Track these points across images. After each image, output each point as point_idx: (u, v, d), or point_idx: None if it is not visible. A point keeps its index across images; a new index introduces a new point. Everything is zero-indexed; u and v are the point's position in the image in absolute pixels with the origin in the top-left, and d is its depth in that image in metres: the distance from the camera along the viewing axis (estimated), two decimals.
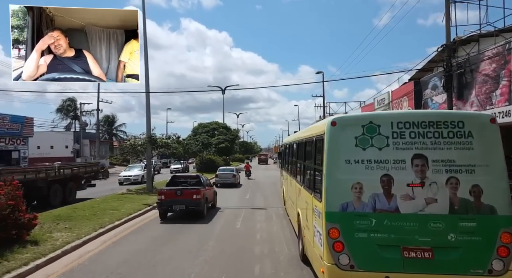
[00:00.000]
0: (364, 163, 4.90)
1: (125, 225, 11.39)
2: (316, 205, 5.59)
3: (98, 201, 14.87)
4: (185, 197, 11.77)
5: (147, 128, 19.23)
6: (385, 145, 4.90)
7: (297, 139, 9.05)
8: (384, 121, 4.96)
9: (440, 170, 4.77)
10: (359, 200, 4.84)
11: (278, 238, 9.51)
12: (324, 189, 4.99)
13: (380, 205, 4.80)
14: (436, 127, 4.88)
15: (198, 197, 11.81)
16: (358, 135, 4.96)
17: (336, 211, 4.88)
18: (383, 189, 4.82)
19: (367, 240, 4.76)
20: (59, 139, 48.21)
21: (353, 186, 4.86)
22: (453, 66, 15.32)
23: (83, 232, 9.66)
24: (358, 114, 5.37)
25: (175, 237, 9.67)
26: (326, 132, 5.10)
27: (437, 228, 4.68)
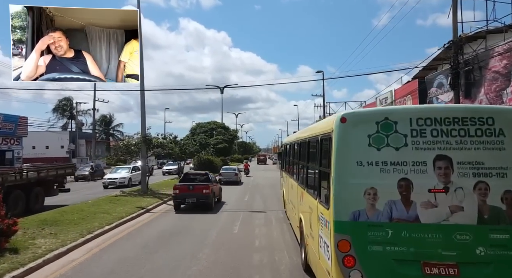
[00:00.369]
0: (378, 165, 4.26)
1: (116, 229, 10.72)
2: (322, 212, 4.96)
3: (88, 204, 14.19)
4: (196, 191, 13.63)
5: (142, 127, 18.53)
6: (403, 145, 4.27)
7: (299, 138, 8.40)
8: (402, 117, 4.32)
9: (467, 173, 4.14)
10: (373, 207, 4.20)
11: (278, 244, 8.87)
12: (332, 194, 4.35)
13: (397, 213, 4.17)
14: (462, 124, 4.24)
15: (207, 191, 13.67)
16: (372, 134, 4.32)
17: (346, 220, 4.24)
18: (401, 195, 4.18)
19: (382, 254, 4.13)
20: (54, 139, 47.56)
21: (366, 191, 4.22)
22: (460, 63, 14.72)
23: (69, 238, 9.01)
24: (371, 109, 4.68)
25: (167, 244, 9.01)
26: (335, 130, 4.46)
27: (464, 240, 4.05)
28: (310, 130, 6.99)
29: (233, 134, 52.14)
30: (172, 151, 22.22)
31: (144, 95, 18.27)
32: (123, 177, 24.19)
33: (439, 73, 17.29)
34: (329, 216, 4.47)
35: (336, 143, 4.40)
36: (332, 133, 4.54)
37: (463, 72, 14.62)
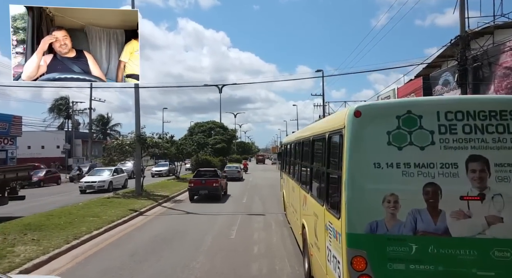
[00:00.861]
0: (400, 167, 3.59)
1: (105, 234, 10.03)
2: (331, 221, 4.28)
3: (78, 207, 13.46)
4: (208, 185, 16.37)
5: (136, 126, 17.78)
6: (429, 143, 3.60)
7: (302, 137, 7.71)
8: (428, 111, 3.65)
9: (507, 177, 3.47)
10: (393, 218, 3.53)
11: (278, 251, 8.20)
12: (344, 202, 3.68)
13: (422, 225, 3.50)
14: (500, 118, 3.57)
15: (216, 185, 16.51)
16: (392, 130, 3.65)
17: (361, 232, 3.57)
18: (427, 203, 3.51)
19: (406, 274, 3.46)
20: (50, 139, 46.74)
21: (386, 198, 3.55)
22: (468, 59, 14.09)
23: (52, 244, 8.32)
24: (390, 101, 4.02)
25: (159, 251, 8.32)
26: (347, 126, 3.78)
27: (504, 258, 3.38)
28: (315, 128, 6.31)
29: (231, 134, 51.47)
30: (167, 151, 21.48)
31: (138, 92, 17.57)
32: (102, 181, 21.42)
33: (445, 70, 16.65)
34: (340, 227, 3.80)
35: (349, 141, 3.73)
36: (344, 130, 3.87)
37: (471, 68, 14.00)
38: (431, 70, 19.91)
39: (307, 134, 6.97)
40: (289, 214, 10.28)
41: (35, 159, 44.58)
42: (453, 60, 15.91)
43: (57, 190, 24.49)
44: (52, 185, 28.26)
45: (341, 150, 3.95)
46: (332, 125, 4.56)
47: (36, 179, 26.99)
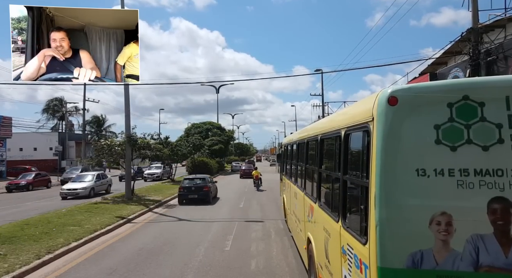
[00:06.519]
0: (454, 175, 2.57)
1: (84, 247, 8.96)
2: (351, 245, 3.25)
3: (60, 214, 12.36)
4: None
5: (126, 126, 16.67)
6: (495, 141, 2.58)
7: (307, 135, 6.64)
8: (493, 96, 2.63)
9: None
10: (446, 246, 2.51)
11: (279, 267, 7.17)
12: (375, 222, 2.64)
13: (488, 257, 2.48)
14: None
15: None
16: (442, 123, 2.63)
17: (400, 267, 2.54)
18: (494, 225, 2.49)
19: None
20: (43, 141, 45.61)
21: (434, 219, 2.53)
22: (481, 53, 13.15)
23: (20, 260, 7.27)
24: (439, 82, 2.92)
25: (142, 267, 7.26)
26: (378, 119, 2.75)
27: None
28: (324, 125, 5.27)
29: (229, 135, 50.46)
30: (160, 153, 20.36)
31: (128, 90, 16.50)
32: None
33: (455, 65, 15.66)
34: (368, 256, 2.76)
35: (381, 139, 2.69)
36: (372, 124, 2.84)
37: (484, 63, 13.04)
38: (436, 67, 18.94)
39: (313, 133, 5.93)
40: (291, 223, 9.24)
41: (27, 161, 43.44)
42: (462, 56, 15.02)
43: (44, 194, 23.35)
44: (42, 188, 27.10)
45: (367, 151, 2.92)
46: (351, 119, 3.52)
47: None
